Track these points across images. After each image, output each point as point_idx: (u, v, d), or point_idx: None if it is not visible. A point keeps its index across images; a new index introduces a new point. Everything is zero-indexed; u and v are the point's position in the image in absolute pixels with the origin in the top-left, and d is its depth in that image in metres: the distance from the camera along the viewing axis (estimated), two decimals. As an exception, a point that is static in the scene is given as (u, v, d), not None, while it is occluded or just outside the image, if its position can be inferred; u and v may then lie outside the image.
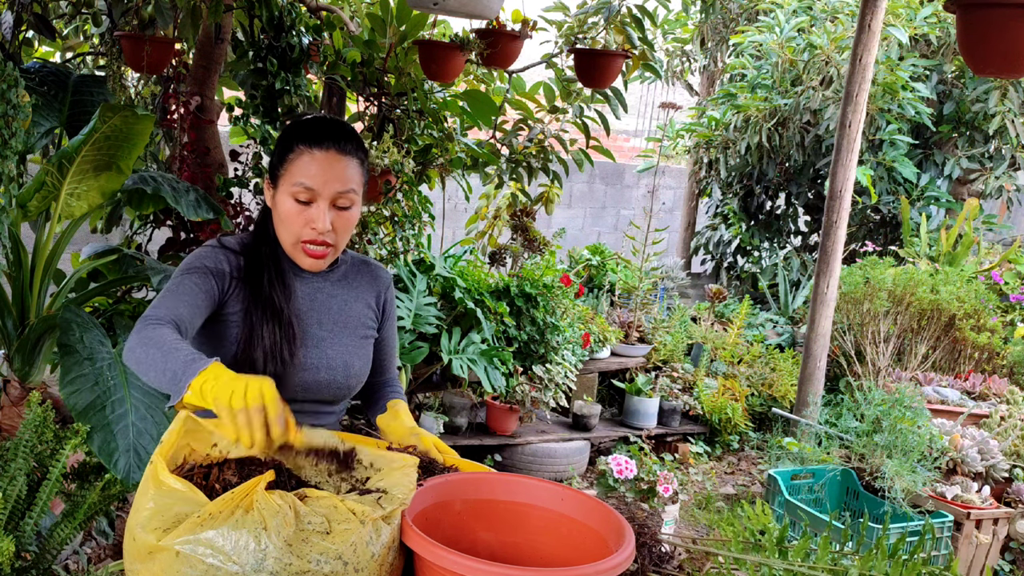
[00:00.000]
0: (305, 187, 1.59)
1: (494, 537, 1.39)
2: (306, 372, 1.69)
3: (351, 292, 1.80)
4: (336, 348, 1.74)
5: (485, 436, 4.55)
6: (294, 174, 1.59)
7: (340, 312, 1.76)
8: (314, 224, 1.60)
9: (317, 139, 1.60)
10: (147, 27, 4.20)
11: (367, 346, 1.81)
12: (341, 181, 1.61)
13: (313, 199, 1.60)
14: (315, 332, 1.72)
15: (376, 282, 1.85)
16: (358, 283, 1.81)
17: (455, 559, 1.13)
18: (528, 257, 5.25)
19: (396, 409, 1.82)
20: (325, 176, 1.59)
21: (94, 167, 3.02)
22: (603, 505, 1.35)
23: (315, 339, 1.71)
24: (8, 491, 2.39)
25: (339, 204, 1.62)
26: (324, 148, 1.59)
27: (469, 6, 3.23)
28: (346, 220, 1.65)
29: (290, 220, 1.62)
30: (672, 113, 7.39)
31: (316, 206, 1.60)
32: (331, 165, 1.60)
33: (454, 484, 1.40)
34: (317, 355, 1.71)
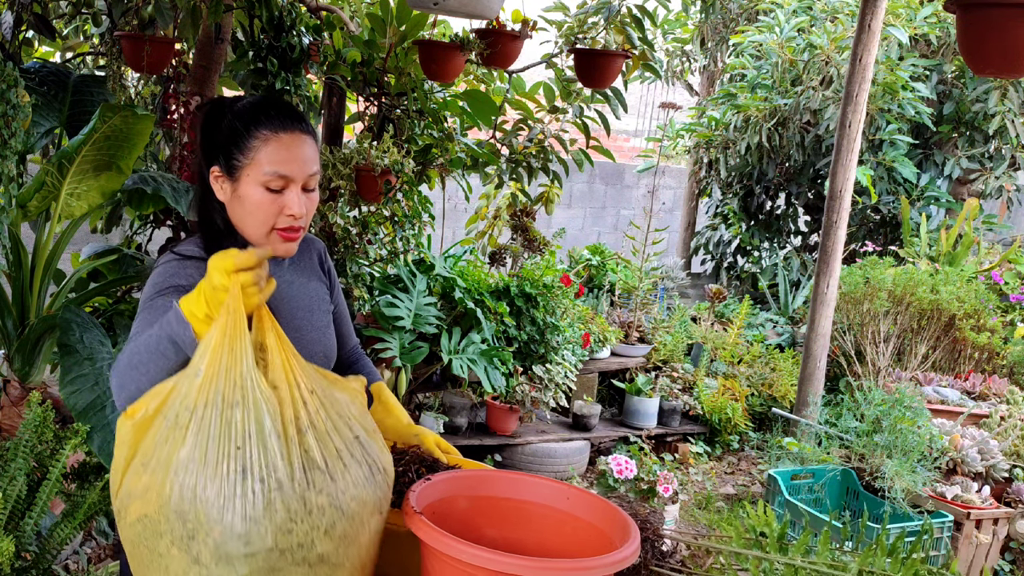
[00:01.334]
0: (279, 175, 1.51)
1: (499, 534, 1.39)
2: None
3: (304, 273, 1.75)
4: (313, 333, 1.70)
5: (485, 436, 4.55)
6: (262, 163, 1.51)
7: (303, 296, 1.72)
8: (290, 211, 1.54)
9: (280, 123, 1.53)
10: (147, 27, 4.20)
11: (329, 322, 1.77)
12: (310, 162, 1.55)
13: (286, 185, 1.53)
14: (290, 323, 1.67)
15: (314, 252, 1.80)
16: (304, 260, 1.76)
17: (464, 548, 1.13)
18: (528, 257, 5.25)
19: (387, 401, 1.80)
20: (296, 160, 1.53)
21: (94, 167, 3.02)
22: (607, 503, 1.35)
23: (292, 330, 1.65)
24: (8, 491, 2.38)
25: (308, 186, 1.56)
26: (289, 131, 1.53)
27: (469, 6, 3.23)
28: (313, 201, 1.60)
29: (262, 210, 1.54)
30: (672, 113, 7.39)
31: (289, 192, 1.53)
32: (299, 147, 1.54)
33: (459, 481, 1.41)
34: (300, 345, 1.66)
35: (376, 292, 4.24)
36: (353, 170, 3.99)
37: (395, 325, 4.04)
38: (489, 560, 1.12)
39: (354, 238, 4.07)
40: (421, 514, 1.21)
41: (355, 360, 1.91)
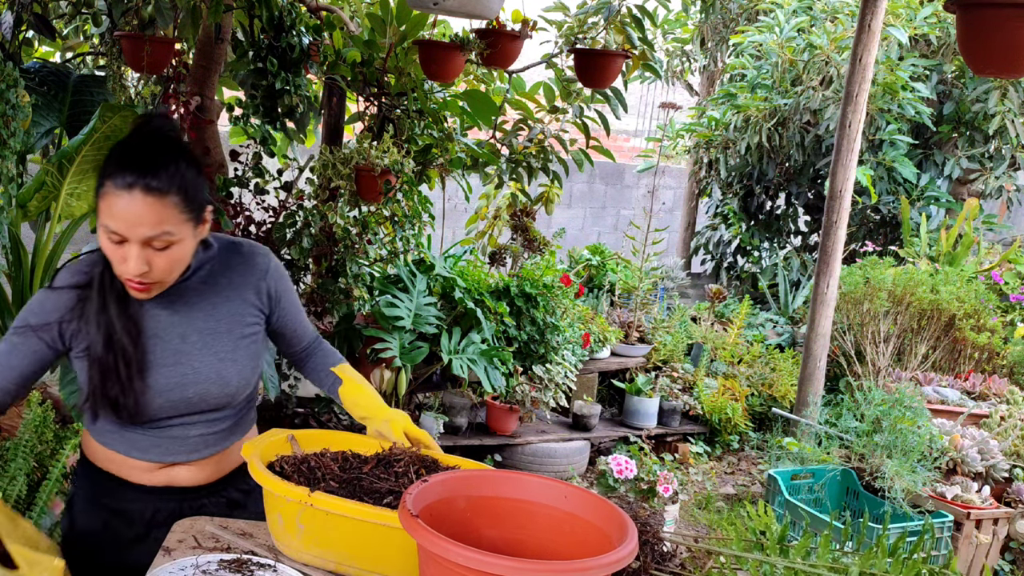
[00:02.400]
0: (110, 230, 1.45)
1: (498, 534, 1.39)
2: (172, 391, 1.63)
3: (220, 293, 1.67)
4: (204, 360, 1.64)
5: (485, 436, 4.55)
6: (102, 212, 1.45)
7: (207, 319, 1.65)
8: (127, 265, 1.47)
9: (122, 178, 1.42)
10: (147, 27, 4.20)
11: (248, 346, 1.71)
12: (150, 224, 1.44)
13: (124, 240, 1.46)
14: (177, 347, 1.62)
15: (252, 272, 1.71)
16: (228, 279, 1.68)
17: (459, 551, 1.13)
18: (528, 257, 5.25)
19: (353, 380, 1.81)
20: (131, 220, 1.43)
21: (94, 167, 3.02)
22: (606, 502, 1.35)
23: (178, 355, 1.62)
24: (8, 491, 2.38)
25: (154, 246, 1.47)
26: (129, 189, 1.42)
27: (469, 6, 3.23)
28: (168, 259, 1.50)
29: (108, 255, 1.50)
30: (672, 113, 7.39)
31: (127, 247, 1.46)
32: (137, 207, 1.43)
33: (458, 481, 1.41)
34: (182, 372, 1.63)
35: (376, 292, 4.24)
36: (353, 170, 3.99)
37: (395, 325, 4.04)
38: (483, 563, 1.12)
39: (354, 238, 4.07)
40: (417, 517, 1.21)
41: (310, 355, 1.89)
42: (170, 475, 1.74)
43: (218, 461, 1.79)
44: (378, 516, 1.40)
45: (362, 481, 1.54)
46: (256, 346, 1.74)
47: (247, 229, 4.05)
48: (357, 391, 1.81)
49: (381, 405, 1.79)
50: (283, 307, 1.78)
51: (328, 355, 1.90)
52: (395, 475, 1.56)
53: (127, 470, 1.72)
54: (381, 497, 1.49)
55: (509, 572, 1.11)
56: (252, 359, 1.72)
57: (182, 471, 1.74)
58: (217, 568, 1.46)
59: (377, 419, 1.76)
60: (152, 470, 1.72)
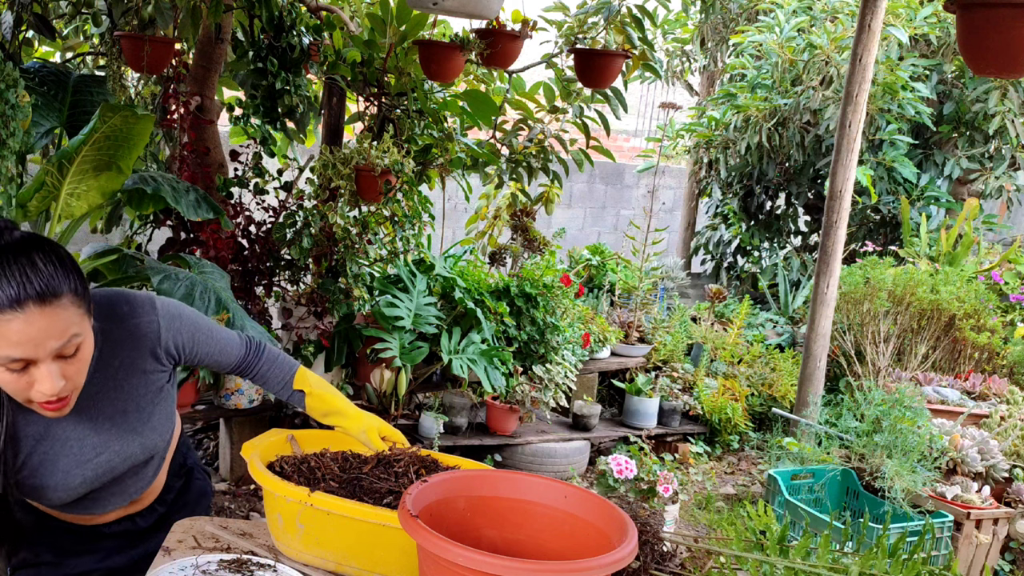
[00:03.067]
0: (10, 359, 1.30)
1: (498, 534, 1.39)
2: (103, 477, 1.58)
3: (115, 376, 1.54)
4: (125, 439, 1.57)
5: (485, 436, 4.55)
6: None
7: (113, 403, 1.54)
8: (40, 389, 1.34)
9: (10, 302, 1.26)
10: (147, 27, 4.20)
11: (162, 402, 1.61)
12: (57, 335, 1.31)
13: (30, 364, 1.32)
14: (93, 440, 1.53)
15: (139, 344, 1.54)
16: (118, 359, 1.54)
17: (458, 551, 1.13)
18: (528, 257, 5.25)
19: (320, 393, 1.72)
20: (34, 340, 1.29)
21: (94, 167, 3.02)
22: (606, 502, 1.35)
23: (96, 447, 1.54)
24: None
25: (64, 354, 1.35)
26: (22, 309, 1.27)
27: (469, 6, 3.24)
28: (79, 362, 1.38)
29: (10, 387, 1.35)
30: (672, 113, 7.39)
31: (37, 370, 1.33)
32: (34, 324, 1.29)
33: (458, 481, 1.41)
34: (108, 458, 1.56)
35: (376, 292, 4.24)
36: (353, 170, 3.99)
37: (395, 325, 4.04)
38: (483, 563, 1.12)
39: (354, 238, 4.07)
40: (417, 517, 1.21)
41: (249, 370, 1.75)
42: (124, 511, 1.75)
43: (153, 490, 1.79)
44: (378, 516, 1.41)
45: (362, 481, 1.54)
46: (168, 398, 1.64)
47: (247, 229, 4.05)
48: (324, 402, 1.73)
49: (354, 413, 1.72)
50: (194, 348, 1.64)
51: (278, 366, 1.76)
52: (395, 475, 1.56)
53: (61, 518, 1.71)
54: (381, 497, 1.50)
55: (509, 572, 1.11)
56: (168, 412, 1.65)
57: (134, 505, 1.76)
58: (217, 568, 1.46)
59: (354, 430, 1.71)
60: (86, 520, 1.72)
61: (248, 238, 4.05)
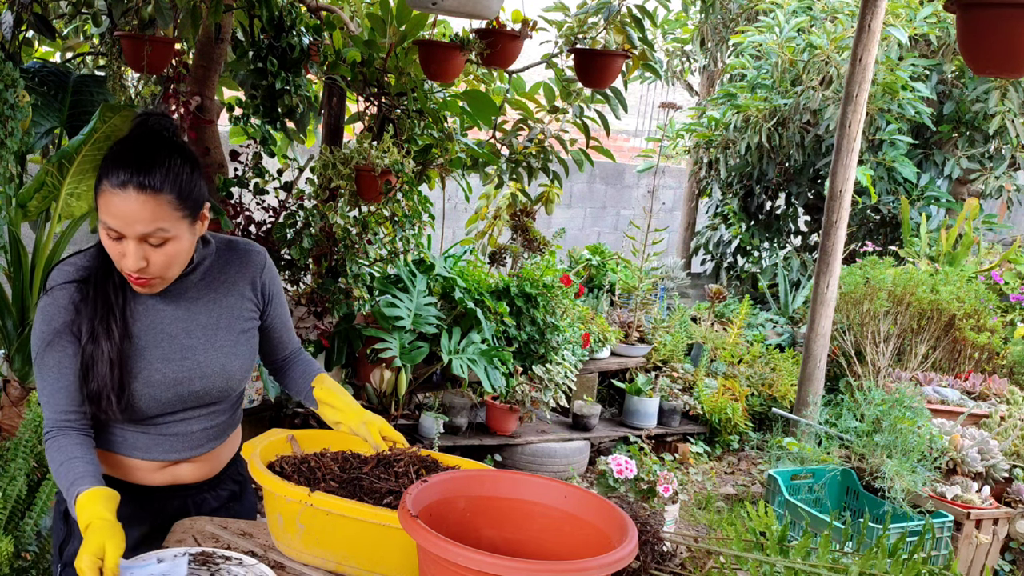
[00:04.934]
0: (108, 227, 1.50)
1: (498, 534, 1.39)
2: (180, 385, 1.65)
3: (219, 289, 1.71)
4: (209, 353, 1.68)
5: (485, 436, 4.55)
6: (100, 210, 1.51)
7: (209, 314, 1.69)
8: (125, 262, 1.52)
9: (117, 176, 1.47)
10: (147, 27, 4.20)
11: (247, 340, 1.75)
12: (144, 222, 1.49)
13: (122, 237, 1.51)
14: (183, 342, 1.65)
15: (248, 267, 1.75)
16: (226, 275, 1.72)
17: (458, 551, 1.13)
18: (528, 257, 5.25)
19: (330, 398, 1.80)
20: (126, 217, 1.48)
21: (94, 167, 3.02)
22: (606, 502, 1.35)
23: (184, 350, 1.65)
24: (8, 491, 2.38)
25: (151, 242, 1.52)
26: (123, 187, 1.47)
27: (468, 6, 3.23)
28: (165, 255, 1.54)
29: (109, 251, 1.55)
30: (672, 113, 7.39)
31: (126, 243, 1.51)
32: (131, 205, 1.48)
33: (458, 481, 1.41)
34: (189, 367, 1.66)
35: (376, 292, 4.24)
36: (353, 170, 3.99)
37: (395, 325, 4.04)
38: (483, 563, 1.12)
39: (354, 238, 4.07)
40: (417, 517, 1.21)
41: (290, 365, 1.91)
42: (174, 473, 1.74)
43: (218, 454, 1.80)
44: (378, 516, 1.40)
45: (362, 481, 1.54)
46: (254, 340, 1.77)
47: (247, 229, 4.05)
48: (332, 396, 1.81)
49: (358, 409, 1.78)
50: (274, 307, 1.81)
51: (309, 364, 1.91)
52: (395, 475, 1.56)
53: (129, 472, 1.71)
54: (381, 497, 1.50)
55: (509, 572, 1.11)
56: (251, 352, 1.76)
57: (185, 468, 1.74)
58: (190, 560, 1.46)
59: (354, 421, 1.74)
60: (155, 470, 1.72)
61: (248, 238, 4.05)
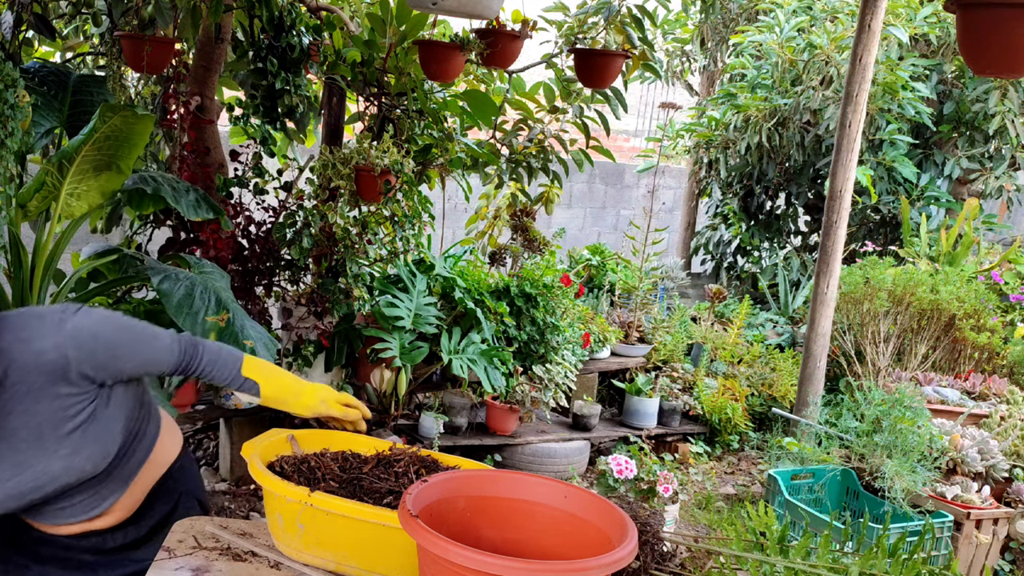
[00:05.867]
0: None
1: (498, 534, 1.39)
2: (31, 495, 1.51)
3: (24, 397, 1.44)
4: (47, 460, 1.49)
5: (485, 436, 4.55)
6: None
7: (27, 425, 1.45)
8: None
9: None
10: (147, 27, 4.20)
11: (85, 431, 1.50)
12: None
13: None
14: (15, 459, 1.47)
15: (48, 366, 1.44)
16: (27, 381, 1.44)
17: (458, 551, 1.13)
18: (528, 257, 5.25)
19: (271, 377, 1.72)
20: None
21: (94, 167, 3.02)
22: (605, 502, 1.35)
23: (15, 467, 1.47)
24: None
25: None
26: None
27: (468, 6, 3.23)
28: None
29: None
30: (672, 113, 7.39)
31: None
32: None
33: (458, 481, 1.41)
34: (30, 477, 1.49)
35: (376, 292, 4.24)
36: (353, 170, 3.99)
37: (395, 325, 4.04)
38: (483, 563, 1.12)
39: (354, 238, 4.07)
40: (417, 517, 1.21)
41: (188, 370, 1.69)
42: (85, 526, 1.68)
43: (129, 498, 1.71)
44: (378, 516, 1.41)
45: (362, 481, 1.54)
46: (98, 419, 1.53)
47: (247, 229, 4.05)
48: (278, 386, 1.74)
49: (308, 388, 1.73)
50: (115, 368, 1.53)
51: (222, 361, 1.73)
52: (395, 475, 1.56)
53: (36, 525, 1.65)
54: (381, 497, 1.50)
55: (509, 572, 1.11)
56: (98, 432, 1.54)
57: (96, 522, 1.68)
58: None
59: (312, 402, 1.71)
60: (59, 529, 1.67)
61: (248, 238, 4.05)
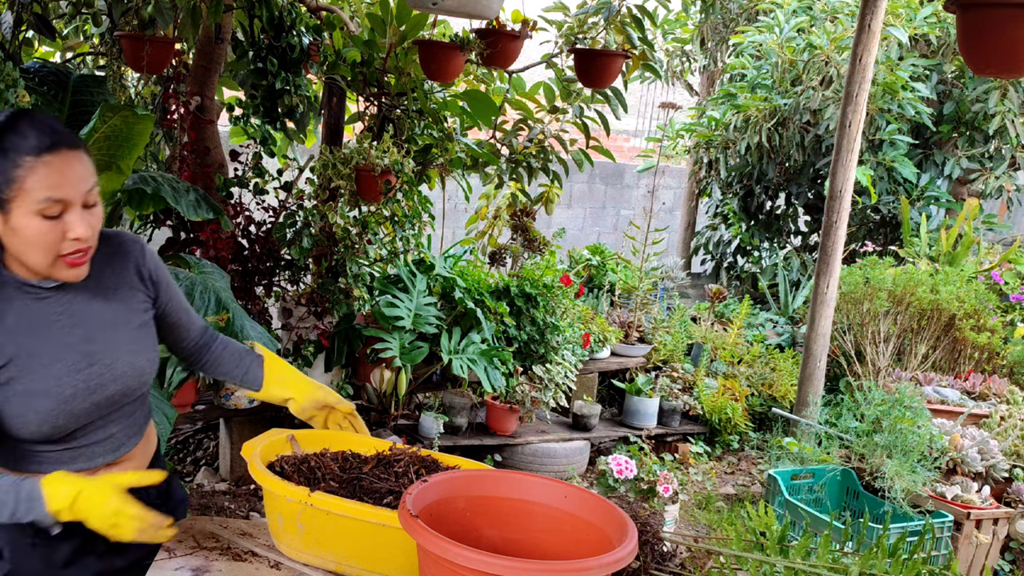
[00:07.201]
0: (55, 200, 1.42)
1: (498, 534, 1.39)
2: (95, 394, 1.57)
3: (107, 286, 1.63)
4: (116, 354, 1.60)
5: (485, 436, 4.55)
6: (32, 191, 1.41)
7: (104, 314, 1.61)
8: (74, 234, 1.46)
9: (42, 145, 1.42)
10: (147, 27, 4.20)
11: (148, 333, 1.68)
12: (85, 179, 1.47)
13: (65, 209, 1.44)
14: (85, 349, 1.56)
15: (126, 258, 1.67)
16: (110, 271, 1.64)
17: (458, 550, 1.13)
18: (528, 257, 5.25)
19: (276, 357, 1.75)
20: (69, 181, 1.44)
21: (94, 167, 3.02)
22: (605, 502, 1.35)
23: (89, 356, 1.57)
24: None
25: (88, 203, 1.48)
26: (55, 151, 1.43)
27: (468, 6, 3.23)
28: (97, 216, 1.51)
29: (41, 239, 1.44)
30: (672, 113, 7.39)
31: (70, 215, 1.45)
32: (69, 167, 1.44)
33: (458, 481, 1.41)
34: (99, 371, 1.57)
35: (376, 292, 4.24)
36: (353, 170, 3.99)
37: (395, 325, 4.04)
38: (483, 563, 1.12)
39: (354, 238, 4.07)
40: (417, 517, 1.21)
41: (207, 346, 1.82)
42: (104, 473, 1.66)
43: (142, 450, 1.73)
44: (378, 516, 1.41)
45: (362, 481, 1.54)
46: (154, 332, 1.70)
47: (247, 229, 4.05)
48: (282, 366, 1.74)
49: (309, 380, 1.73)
50: (164, 292, 1.73)
51: (233, 347, 1.83)
52: (395, 475, 1.56)
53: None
54: (381, 497, 1.50)
55: (509, 572, 1.11)
56: (155, 345, 1.70)
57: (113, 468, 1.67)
58: None
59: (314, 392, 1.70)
60: None
61: (248, 238, 4.05)
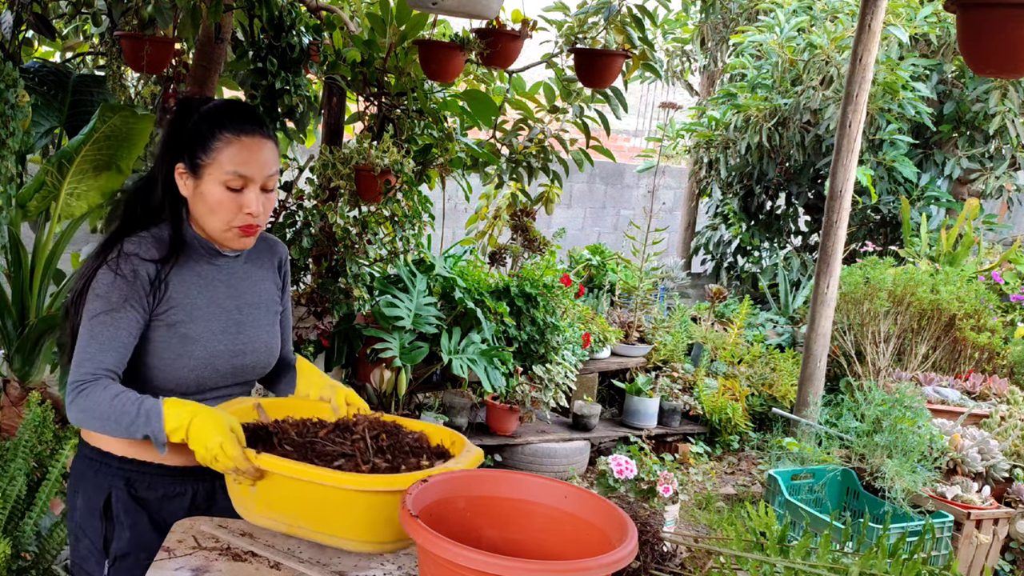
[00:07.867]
0: (239, 175, 1.62)
1: (498, 534, 1.39)
2: (236, 358, 1.73)
3: (258, 270, 1.82)
4: (257, 330, 1.77)
5: (485, 436, 4.55)
6: (223, 163, 1.61)
7: (253, 292, 1.79)
8: (248, 209, 1.64)
9: (242, 126, 1.63)
10: (147, 27, 4.20)
11: (276, 320, 1.85)
12: (268, 165, 1.65)
13: (246, 185, 1.63)
14: (236, 317, 1.74)
15: (273, 255, 1.87)
16: (261, 259, 1.84)
17: (458, 551, 1.13)
18: (528, 257, 5.25)
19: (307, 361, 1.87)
20: (255, 162, 1.63)
21: (94, 167, 3.02)
22: (606, 502, 1.35)
23: (238, 324, 1.74)
24: (8, 491, 2.38)
25: (267, 187, 1.66)
26: (250, 134, 1.63)
27: (468, 6, 3.23)
28: (271, 200, 1.70)
29: (222, 208, 1.64)
30: (672, 113, 7.39)
31: (249, 191, 1.64)
32: (259, 150, 1.64)
33: (458, 481, 1.40)
34: (244, 339, 1.74)
35: (376, 292, 4.24)
36: (353, 170, 3.99)
37: (395, 325, 4.04)
38: (483, 563, 1.12)
39: (354, 238, 4.07)
40: (417, 517, 1.21)
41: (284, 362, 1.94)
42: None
43: None
44: (322, 477, 1.40)
45: (315, 445, 1.53)
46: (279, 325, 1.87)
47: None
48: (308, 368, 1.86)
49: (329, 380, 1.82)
50: (286, 297, 1.91)
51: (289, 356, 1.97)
52: (351, 440, 1.55)
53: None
54: (332, 460, 1.48)
55: (509, 572, 1.11)
56: (278, 337, 1.86)
57: None
58: None
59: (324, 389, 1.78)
60: None
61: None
